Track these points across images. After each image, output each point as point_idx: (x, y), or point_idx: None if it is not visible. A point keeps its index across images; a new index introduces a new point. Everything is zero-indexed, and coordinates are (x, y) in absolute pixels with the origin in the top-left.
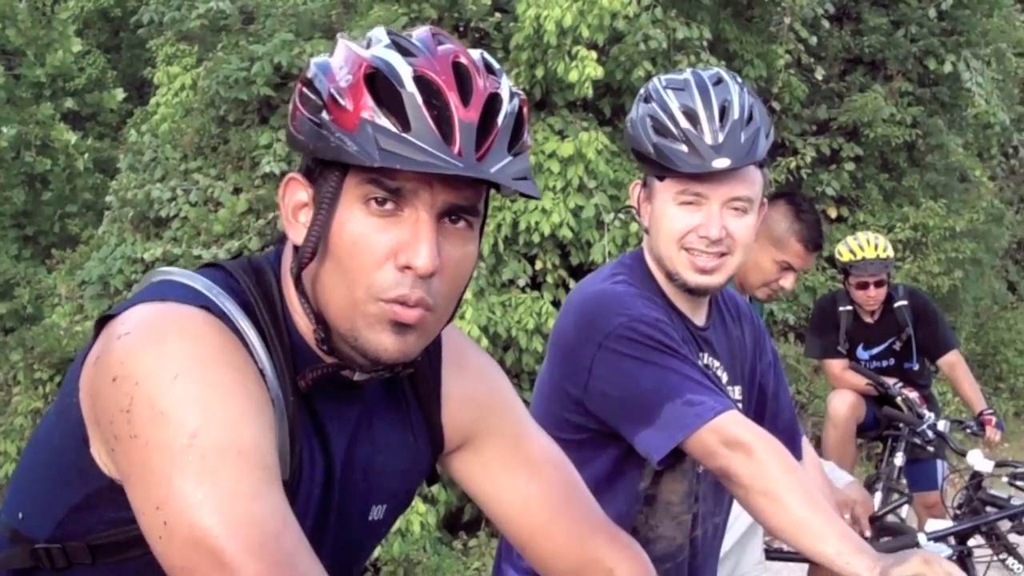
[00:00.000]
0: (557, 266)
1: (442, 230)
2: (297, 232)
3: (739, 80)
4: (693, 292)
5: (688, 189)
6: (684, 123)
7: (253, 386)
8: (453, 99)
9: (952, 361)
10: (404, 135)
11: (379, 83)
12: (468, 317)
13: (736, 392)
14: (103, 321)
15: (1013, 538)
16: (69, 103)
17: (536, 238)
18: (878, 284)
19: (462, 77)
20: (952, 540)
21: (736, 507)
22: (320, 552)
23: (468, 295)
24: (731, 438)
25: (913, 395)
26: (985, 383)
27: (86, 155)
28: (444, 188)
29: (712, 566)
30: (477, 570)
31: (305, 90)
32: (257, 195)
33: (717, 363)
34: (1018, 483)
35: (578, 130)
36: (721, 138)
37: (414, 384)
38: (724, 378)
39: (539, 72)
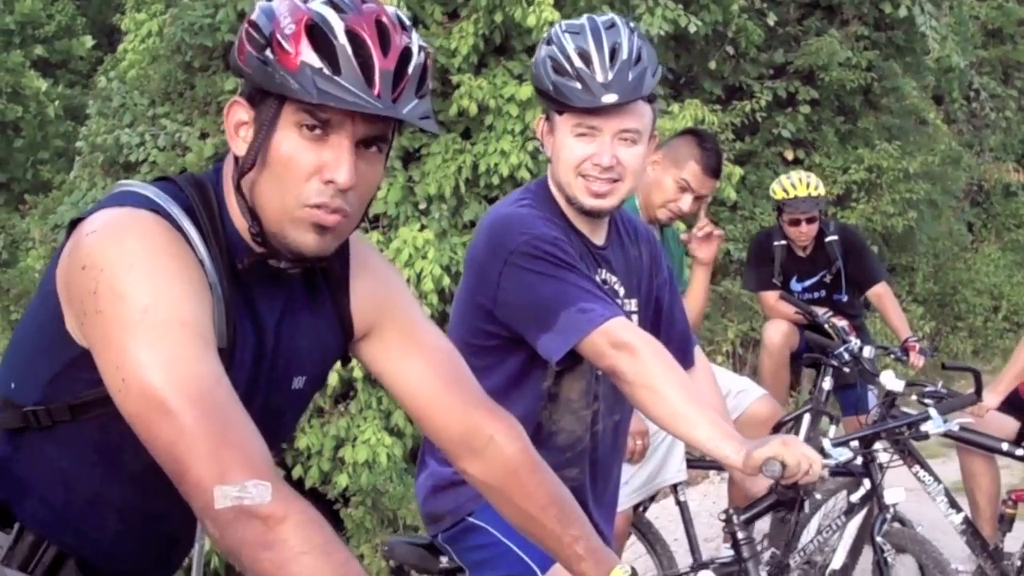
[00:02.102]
0: None
1: (358, 154)
2: (238, 146)
3: (630, 25)
4: (589, 214)
5: (583, 122)
6: (578, 63)
7: (194, 273)
8: (375, 50)
9: (880, 292)
10: (336, 78)
11: (316, 33)
12: (431, 257)
13: (632, 304)
14: (74, 224)
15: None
16: (39, 50)
17: (496, 180)
18: (810, 221)
19: (383, 32)
20: (855, 445)
21: (654, 424)
22: (252, 409)
23: (430, 235)
24: (618, 340)
25: (843, 323)
26: (944, 322)
27: (56, 102)
28: (363, 122)
29: (615, 459)
30: None
31: (251, 30)
32: (223, 140)
33: (614, 278)
34: (926, 400)
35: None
36: (611, 76)
37: (328, 281)
38: (621, 292)
39: (498, 17)
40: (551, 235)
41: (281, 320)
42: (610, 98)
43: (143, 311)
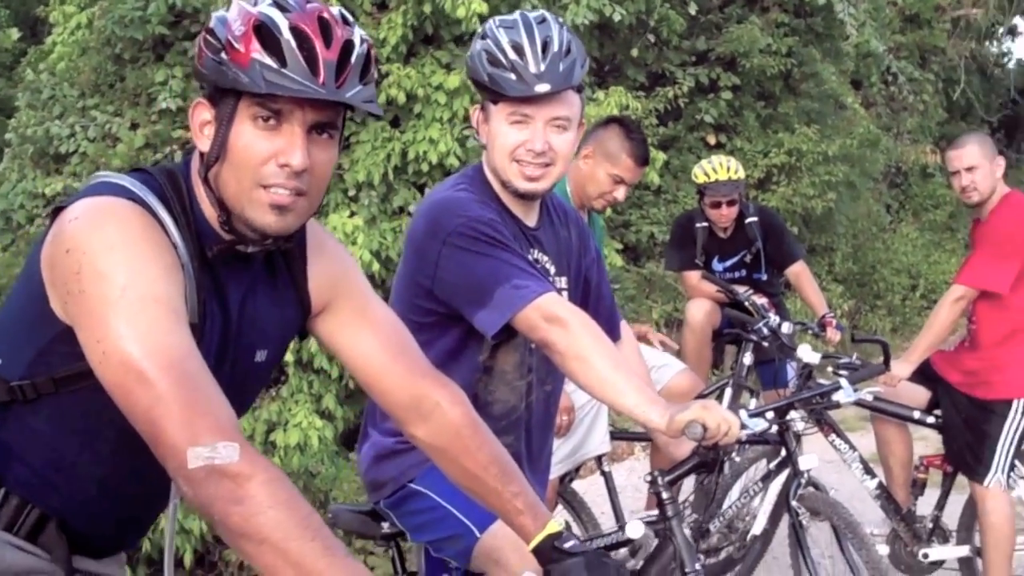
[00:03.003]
0: None
1: (311, 140)
2: (203, 143)
3: (560, 20)
4: (523, 197)
5: (517, 111)
6: (512, 55)
7: (168, 256)
8: (318, 44)
9: (797, 271)
10: (283, 70)
11: (264, 32)
12: (360, 243)
13: (563, 282)
14: (56, 211)
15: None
16: None
17: (425, 167)
18: (730, 203)
19: (325, 27)
20: (771, 415)
21: (584, 396)
22: (221, 379)
23: (360, 222)
24: (550, 314)
25: (762, 301)
26: (863, 301)
27: None
28: (312, 109)
29: (548, 428)
30: None
31: (208, 37)
32: (154, 130)
33: (546, 258)
34: (840, 371)
35: (464, 63)
36: (543, 67)
37: (288, 263)
38: (552, 270)
39: (427, 8)
40: (487, 217)
41: (245, 299)
42: (543, 88)
43: (122, 289)
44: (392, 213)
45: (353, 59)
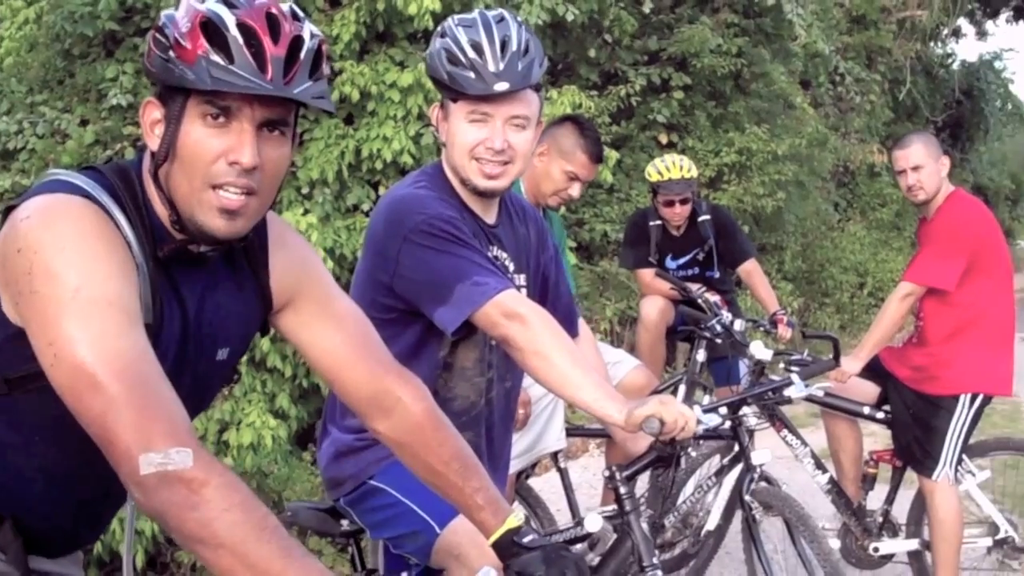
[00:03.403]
0: None
1: (262, 137)
2: (153, 142)
3: (518, 19)
4: (483, 194)
5: (476, 109)
6: (472, 54)
7: (121, 255)
8: (266, 40)
9: (749, 269)
10: (230, 67)
11: (211, 28)
12: (314, 240)
13: (521, 279)
14: (8, 210)
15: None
16: None
17: (379, 165)
18: (683, 202)
19: (273, 23)
20: (724, 410)
21: (540, 392)
22: (183, 379)
23: (314, 219)
24: (510, 311)
25: (715, 298)
26: (812, 298)
27: None
28: (261, 106)
29: (508, 424)
30: None
31: (157, 35)
32: (104, 127)
33: (505, 255)
34: (791, 367)
35: (418, 60)
36: (502, 66)
37: (248, 258)
38: (511, 267)
39: (380, 5)
40: (447, 214)
41: (204, 297)
42: (502, 86)
43: (74, 290)
44: (346, 211)
45: (303, 55)
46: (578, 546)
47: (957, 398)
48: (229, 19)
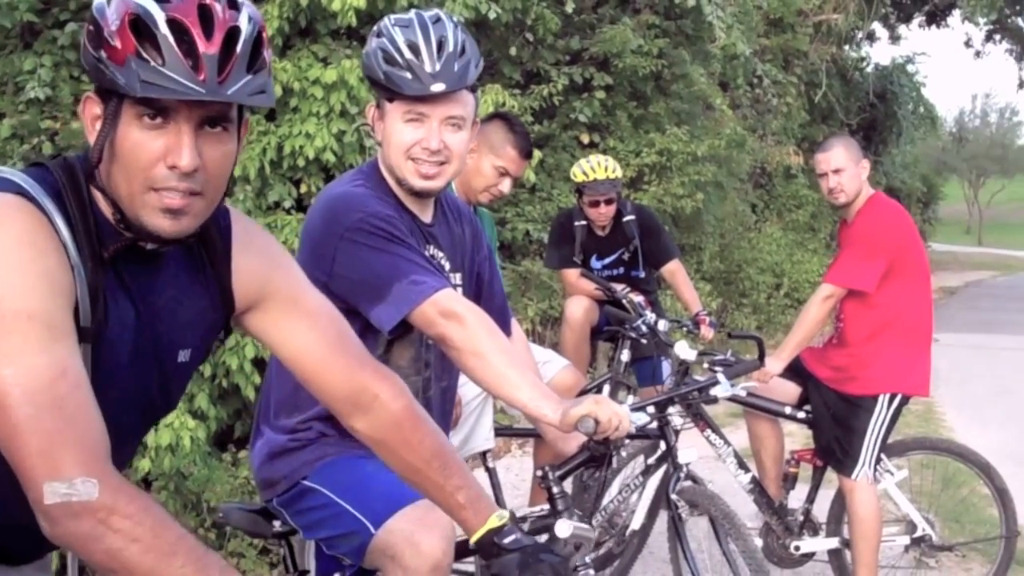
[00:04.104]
0: (321, 189)
1: (203, 135)
2: (93, 137)
3: (454, 20)
4: (419, 194)
5: (412, 109)
6: (408, 55)
7: (52, 260)
8: (198, 36)
9: (673, 269)
10: (161, 69)
11: (140, 26)
12: None
13: (457, 278)
14: None
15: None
16: None
17: (301, 162)
18: (608, 202)
19: (206, 17)
20: (652, 410)
21: (471, 392)
22: (143, 379)
23: None
24: (447, 310)
25: (639, 299)
26: (729, 299)
27: None
28: (198, 106)
29: (445, 424)
30: (246, 479)
31: (90, 27)
32: (21, 120)
33: (441, 254)
34: (715, 367)
35: (341, 57)
36: (439, 67)
37: (211, 258)
38: (447, 266)
39: (303, 1)
40: (384, 213)
41: (160, 297)
42: (438, 87)
43: None
44: (267, 208)
45: (239, 48)
46: (566, 548)
47: (876, 398)
48: (159, 15)
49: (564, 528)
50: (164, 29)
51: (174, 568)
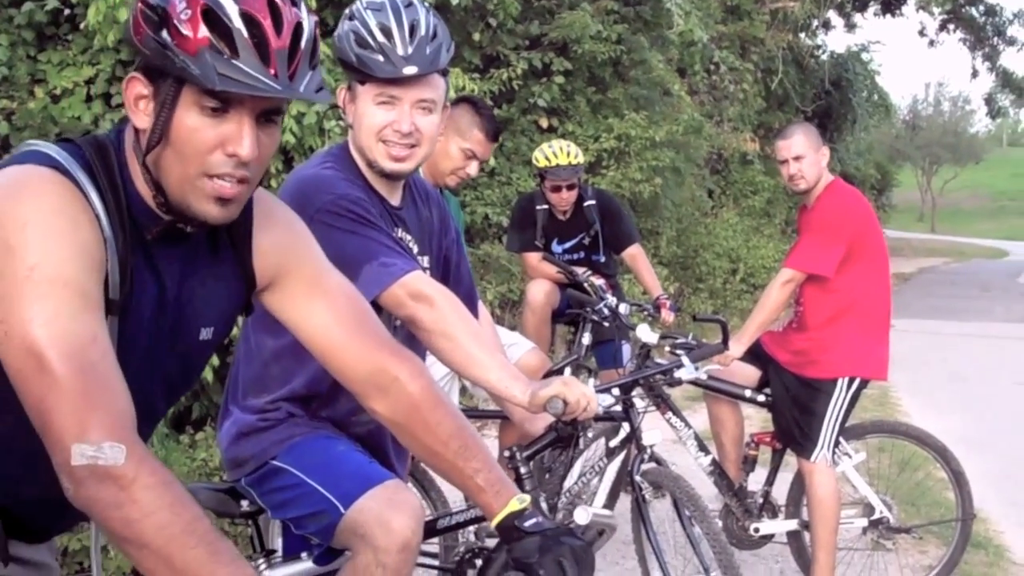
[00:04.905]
0: (280, 171)
1: (257, 127)
2: (139, 119)
3: (426, 4)
4: (389, 177)
5: (384, 92)
6: (380, 37)
7: (86, 232)
8: (270, 31)
9: (633, 253)
10: (234, 62)
11: (212, 17)
12: None
13: (425, 261)
14: None
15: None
16: None
17: None
18: (570, 187)
19: (275, 12)
20: (616, 392)
21: (436, 374)
22: (163, 356)
23: None
24: (417, 292)
25: (600, 282)
26: (686, 283)
27: None
28: (263, 99)
29: None
30: (204, 460)
31: (145, 9)
32: None
33: (409, 236)
34: (678, 350)
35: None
36: (410, 50)
37: (231, 236)
38: (415, 249)
39: None
40: (354, 195)
41: (184, 275)
42: (410, 70)
43: (31, 268)
44: None
45: (303, 44)
46: (589, 533)
47: (835, 382)
48: (231, 7)
49: (583, 515)
50: (238, 22)
51: (187, 548)
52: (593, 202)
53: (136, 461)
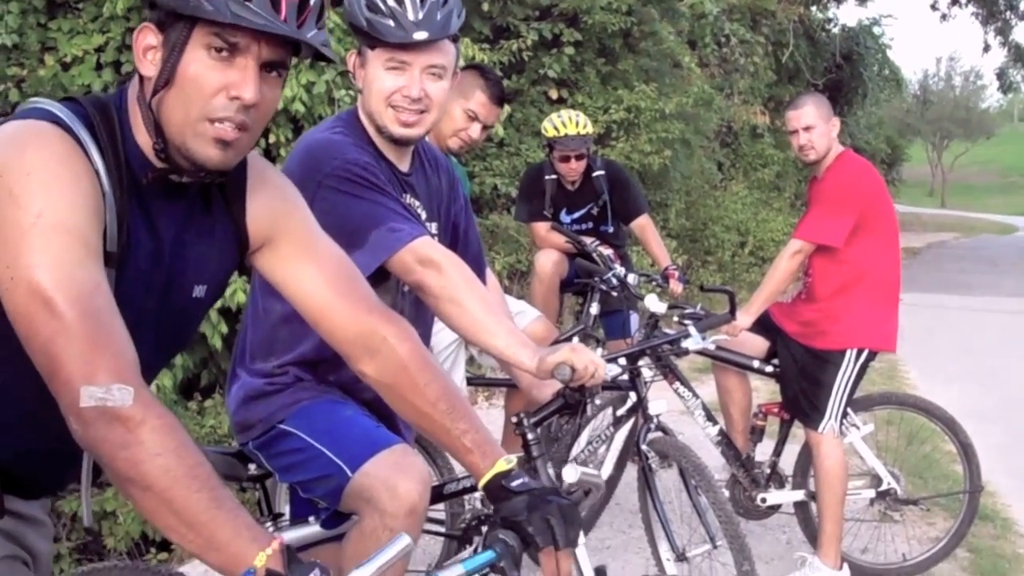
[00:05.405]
0: (290, 140)
1: (261, 76)
2: (146, 68)
3: None
4: (398, 142)
5: (394, 57)
6: (391, 2)
7: (86, 183)
8: None
9: (642, 224)
10: (247, 3)
11: None
12: None
13: (433, 227)
14: None
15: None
16: None
17: None
18: (579, 157)
19: None
20: (623, 362)
21: (444, 341)
22: (155, 312)
23: None
24: (424, 257)
25: (608, 252)
26: (695, 256)
27: None
28: (268, 47)
29: None
30: (212, 427)
31: None
32: None
33: (418, 203)
34: (685, 320)
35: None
36: (421, 15)
37: (224, 195)
38: (424, 215)
39: None
40: (362, 160)
41: (179, 231)
42: (421, 35)
43: (36, 216)
44: None
45: (312, 2)
46: (576, 494)
47: (844, 353)
48: None
49: (571, 473)
50: None
51: (190, 491)
52: (602, 172)
53: (143, 404)
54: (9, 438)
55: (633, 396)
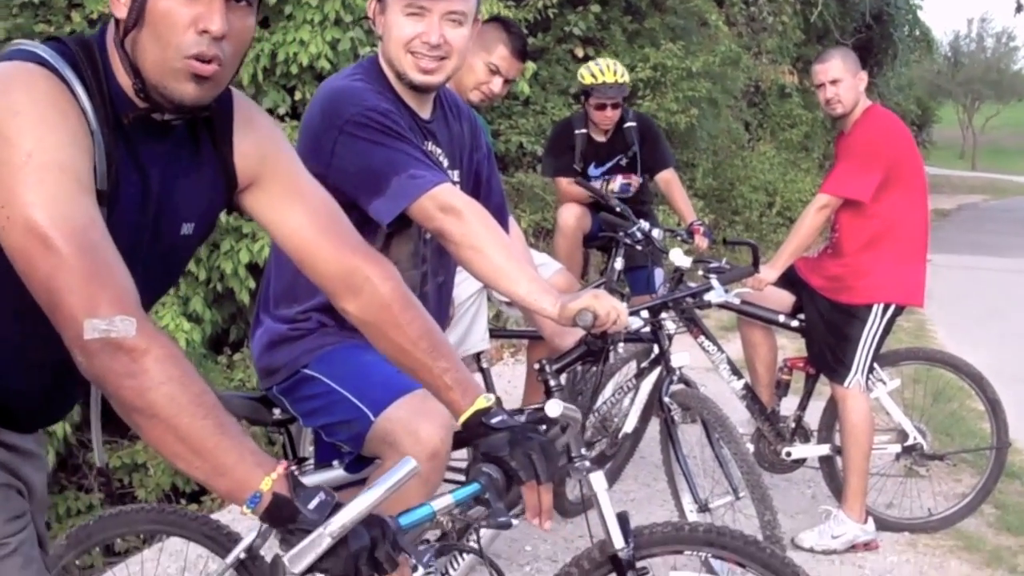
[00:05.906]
0: None
1: (229, 7)
2: (119, 9)
3: None
4: (418, 89)
5: (414, 3)
6: None
7: (75, 122)
8: None
9: (668, 178)
10: None
11: None
12: None
13: (455, 175)
14: None
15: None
16: None
17: (295, 69)
18: (614, 106)
19: None
20: (646, 314)
21: (467, 291)
22: (145, 250)
23: None
24: (445, 204)
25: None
26: (722, 216)
27: None
28: None
29: (442, 319)
30: (241, 380)
31: None
32: (15, 23)
33: (439, 150)
34: (709, 274)
35: None
36: None
37: (211, 134)
38: (445, 163)
39: None
40: (383, 107)
41: (166, 169)
42: None
43: (28, 155)
44: None
45: None
46: (552, 431)
47: (870, 307)
48: None
49: (554, 407)
50: None
51: (196, 419)
52: (633, 124)
53: (146, 335)
54: (7, 375)
55: (656, 349)
